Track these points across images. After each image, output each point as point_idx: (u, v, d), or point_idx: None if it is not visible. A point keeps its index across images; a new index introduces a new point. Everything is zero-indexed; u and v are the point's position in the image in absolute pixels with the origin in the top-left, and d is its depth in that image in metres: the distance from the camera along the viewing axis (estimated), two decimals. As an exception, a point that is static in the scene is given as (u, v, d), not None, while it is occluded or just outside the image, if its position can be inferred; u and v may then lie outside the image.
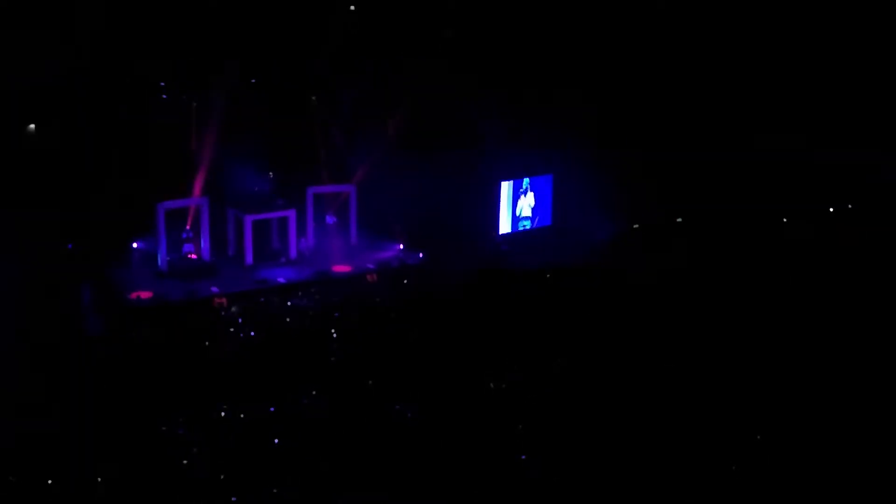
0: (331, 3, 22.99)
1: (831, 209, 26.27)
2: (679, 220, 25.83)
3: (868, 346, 16.68)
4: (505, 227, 24.57)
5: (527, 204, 24.91)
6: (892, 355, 16.19)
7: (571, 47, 24.20)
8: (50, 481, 12.03)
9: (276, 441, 13.32)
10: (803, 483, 12.52)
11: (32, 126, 20.18)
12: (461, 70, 23.17)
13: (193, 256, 21.09)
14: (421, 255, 22.40)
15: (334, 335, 17.39)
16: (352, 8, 23.61)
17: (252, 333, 17.51)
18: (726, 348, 16.66)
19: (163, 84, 21.52)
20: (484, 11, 23.64)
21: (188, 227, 21.07)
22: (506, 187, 24.44)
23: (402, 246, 22.72)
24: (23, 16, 18.87)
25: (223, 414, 14.04)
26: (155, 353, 16.31)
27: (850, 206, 26.33)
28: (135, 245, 20.84)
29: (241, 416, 14.02)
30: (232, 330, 17.75)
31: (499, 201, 24.35)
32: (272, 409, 14.26)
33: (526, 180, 24.74)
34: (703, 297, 19.46)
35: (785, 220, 25.67)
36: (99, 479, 12.15)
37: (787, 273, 21.20)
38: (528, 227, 25.04)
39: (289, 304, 19.39)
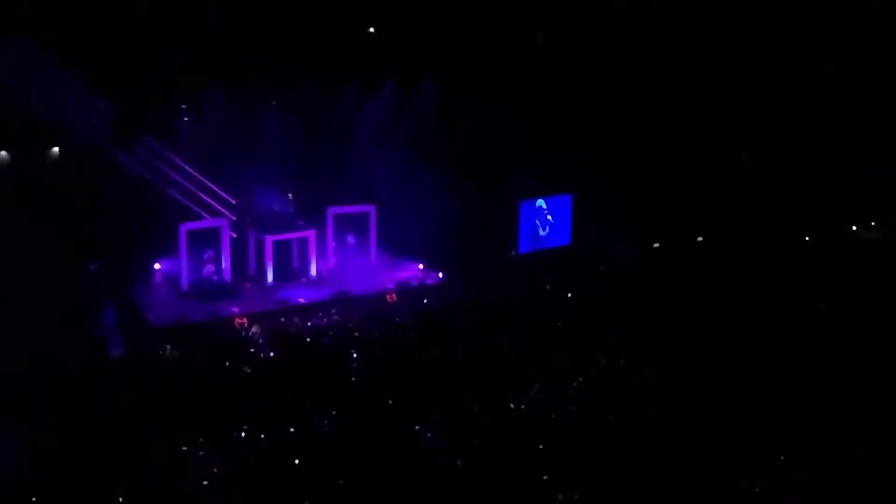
0: (350, 25, 23.25)
1: (854, 227, 26.10)
2: (700, 238, 25.71)
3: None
4: (525, 246, 24.55)
5: (547, 223, 24.87)
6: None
7: (589, 68, 24.25)
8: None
9: (297, 461, 13.30)
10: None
11: (56, 149, 20.46)
12: (481, 92, 23.29)
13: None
14: (440, 274, 22.40)
15: (354, 355, 17.38)
16: (370, 30, 23.84)
17: (272, 354, 17.55)
18: (746, 364, 16.53)
19: (184, 106, 21.79)
20: (504, 32, 23.81)
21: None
22: (526, 207, 24.44)
23: (421, 266, 22.73)
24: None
25: (243, 434, 14.04)
26: (176, 372, 16.36)
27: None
28: (156, 266, 20.99)
29: (262, 436, 14.02)
30: (252, 350, 17.79)
31: (519, 221, 24.33)
32: (292, 429, 14.24)
33: (540, 200, 24.75)
34: (721, 314, 19.31)
35: (807, 238, 25.54)
36: (121, 500, 12.20)
37: (812, 292, 21.07)
38: (548, 247, 25.00)
39: (309, 323, 19.41)
